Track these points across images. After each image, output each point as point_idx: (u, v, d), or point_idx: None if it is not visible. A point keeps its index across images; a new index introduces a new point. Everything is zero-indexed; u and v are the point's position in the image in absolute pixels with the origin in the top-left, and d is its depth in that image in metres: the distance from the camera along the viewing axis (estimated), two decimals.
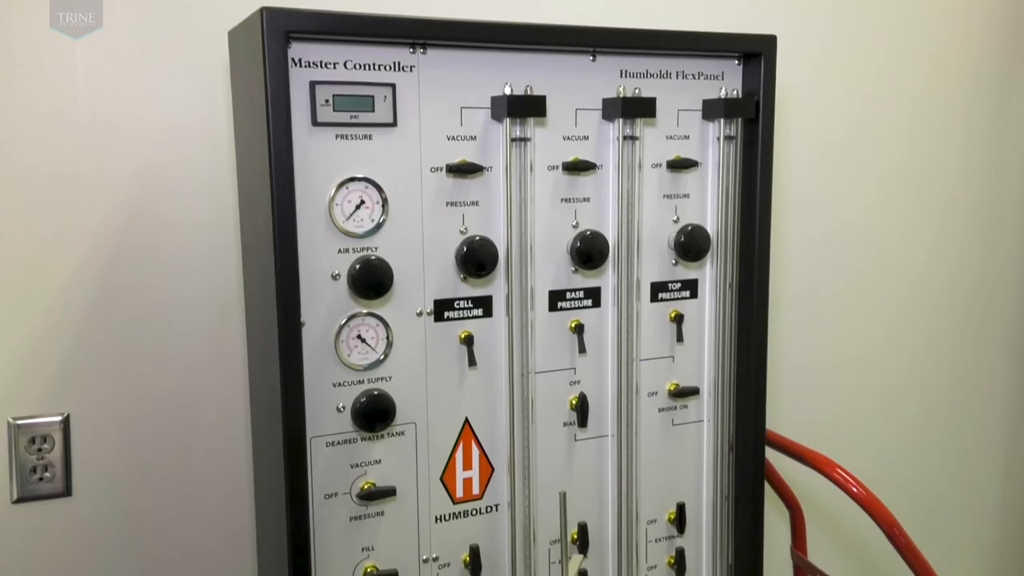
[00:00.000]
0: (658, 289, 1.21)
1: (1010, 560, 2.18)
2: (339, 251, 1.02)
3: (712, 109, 1.19)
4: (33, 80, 1.21)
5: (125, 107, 1.26)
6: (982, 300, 2.09)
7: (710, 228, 1.22)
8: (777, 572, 1.59)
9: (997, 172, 2.04)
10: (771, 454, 1.36)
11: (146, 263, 1.29)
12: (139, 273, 1.28)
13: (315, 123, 0.98)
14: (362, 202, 1.02)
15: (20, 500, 1.23)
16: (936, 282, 2.02)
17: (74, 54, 1.22)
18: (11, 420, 1.22)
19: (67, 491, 1.25)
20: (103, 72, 1.24)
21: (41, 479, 1.23)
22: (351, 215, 1.02)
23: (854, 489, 1.27)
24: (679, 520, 1.26)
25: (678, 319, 1.23)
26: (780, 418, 1.74)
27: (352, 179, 1.01)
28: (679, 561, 1.27)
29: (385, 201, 1.03)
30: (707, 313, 1.25)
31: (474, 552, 1.13)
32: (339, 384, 1.04)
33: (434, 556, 1.12)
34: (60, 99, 1.22)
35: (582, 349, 1.17)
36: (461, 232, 1.08)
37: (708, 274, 1.24)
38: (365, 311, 1.04)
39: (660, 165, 1.18)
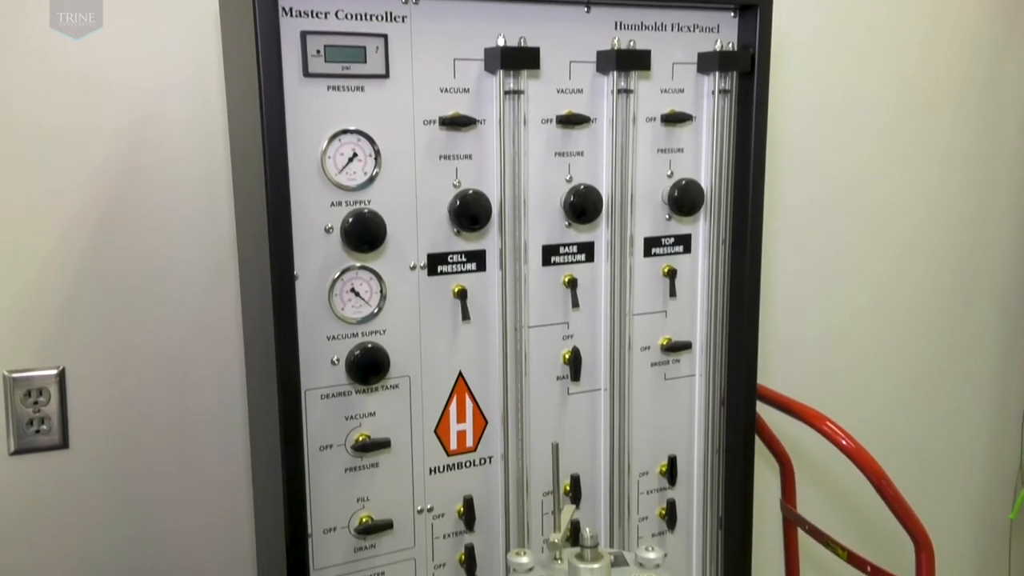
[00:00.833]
0: (651, 244, 1.21)
1: (996, 516, 2.22)
2: (332, 204, 1.01)
3: (707, 62, 1.18)
4: (22, 33, 1.19)
5: (113, 61, 1.24)
6: (975, 259, 2.10)
7: (704, 183, 1.21)
8: (767, 524, 1.62)
9: (992, 130, 2.03)
10: (762, 408, 1.37)
11: (140, 218, 1.28)
12: (133, 228, 1.28)
13: (306, 74, 0.98)
14: (355, 155, 1.01)
15: (17, 452, 1.24)
16: (930, 240, 2.03)
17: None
18: (7, 373, 1.23)
19: (64, 443, 1.26)
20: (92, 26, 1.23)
21: (38, 431, 1.24)
22: (344, 168, 1.01)
23: (843, 442, 1.29)
24: (670, 472, 1.28)
25: (671, 274, 1.23)
26: (772, 374, 1.76)
27: (344, 131, 1.01)
28: (670, 513, 1.29)
29: (378, 154, 1.03)
30: (700, 268, 1.25)
31: (468, 503, 1.15)
32: (333, 337, 1.04)
33: (428, 507, 1.13)
34: (49, 53, 1.21)
35: (575, 303, 1.17)
36: (454, 186, 1.08)
37: (701, 229, 1.24)
38: (358, 264, 1.04)
39: (654, 119, 1.18)
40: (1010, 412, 2.19)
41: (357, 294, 1.05)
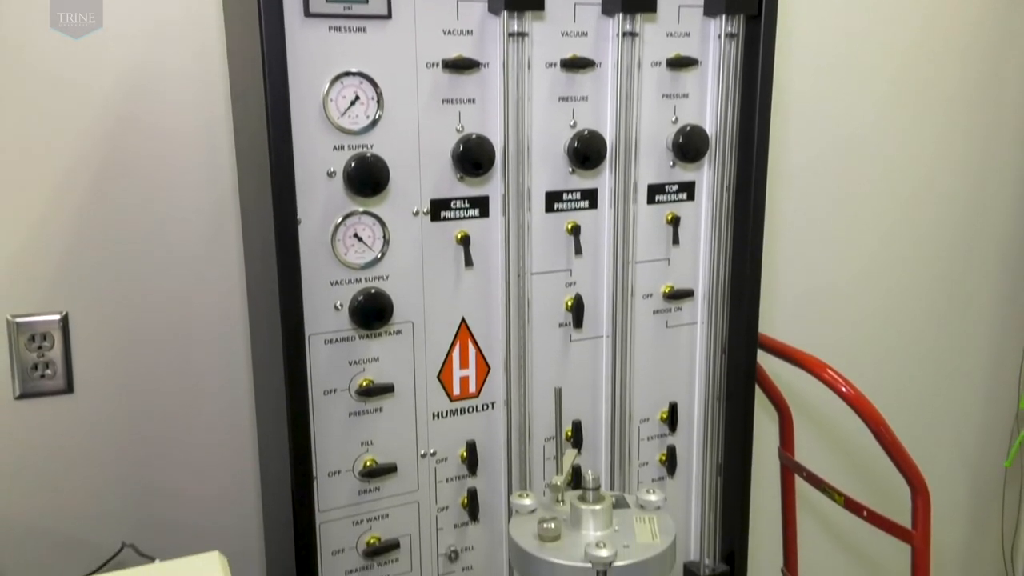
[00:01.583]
0: (655, 191, 1.21)
1: (991, 463, 2.25)
2: (334, 148, 1.00)
3: (713, 4, 1.16)
4: None
5: (111, 6, 1.22)
6: (977, 211, 2.09)
7: (709, 129, 1.20)
8: (765, 471, 1.64)
9: (998, 81, 2.01)
10: (761, 357, 1.37)
11: (140, 165, 1.27)
12: (133, 175, 1.27)
13: (307, 14, 0.96)
14: (357, 98, 1.00)
15: (23, 396, 1.24)
16: (933, 191, 2.03)
17: None
18: (10, 318, 1.23)
19: (68, 388, 1.26)
20: None
21: (43, 376, 1.24)
22: (346, 111, 1.00)
23: (843, 389, 1.30)
24: (671, 419, 1.29)
25: (674, 221, 1.23)
26: (772, 323, 1.76)
27: (346, 74, 0.99)
28: (670, 458, 1.30)
29: (380, 97, 1.01)
30: (703, 215, 1.25)
31: (471, 448, 1.16)
32: (336, 282, 1.04)
33: (432, 451, 1.14)
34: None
35: (578, 251, 1.17)
36: (457, 130, 1.07)
37: (705, 176, 1.24)
38: (361, 209, 1.04)
39: (660, 63, 1.16)
40: (1008, 363, 2.21)
41: (360, 239, 1.04)
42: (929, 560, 1.31)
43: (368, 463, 1.10)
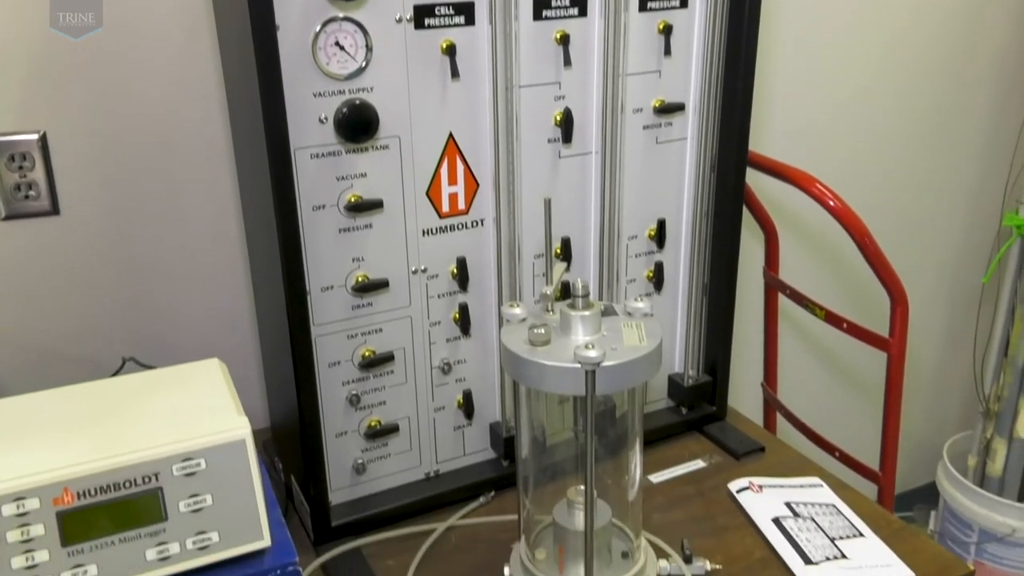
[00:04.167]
0: None
1: (969, 280, 2.31)
2: None
3: None
4: None
5: None
6: (971, 38, 2.04)
7: None
8: (748, 289, 1.67)
9: None
10: (750, 177, 1.37)
11: None
12: None
13: None
14: None
15: (9, 218, 1.23)
16: (930, 10, 1.96)
17: None
18: None
19: (55, 209, 1.25)
20: None
21: (27, 197, 1.23)
22: None
23: (830, 203, 1.31)
24: (659, 236, 1.30)
25: (666, 31, 1.19)
26: (764, 140, 1.75)
27: None
28: (657, 275, 1.32)
29: None
30: (697, 25, 1.21)
31: (461, 264, 1.17)
32: (319, 94, 1.01)
33: (423, 268, 1.15)
34: None
35: (567, 62, 1.14)
36: None
37: None
38: (342, 15, 0.99)
39: None
40: (992, 181, 2.22)
41: (342, 48, 1.00)
42: (903, 367, 1.37)
43: (360, 279, 1.11)
